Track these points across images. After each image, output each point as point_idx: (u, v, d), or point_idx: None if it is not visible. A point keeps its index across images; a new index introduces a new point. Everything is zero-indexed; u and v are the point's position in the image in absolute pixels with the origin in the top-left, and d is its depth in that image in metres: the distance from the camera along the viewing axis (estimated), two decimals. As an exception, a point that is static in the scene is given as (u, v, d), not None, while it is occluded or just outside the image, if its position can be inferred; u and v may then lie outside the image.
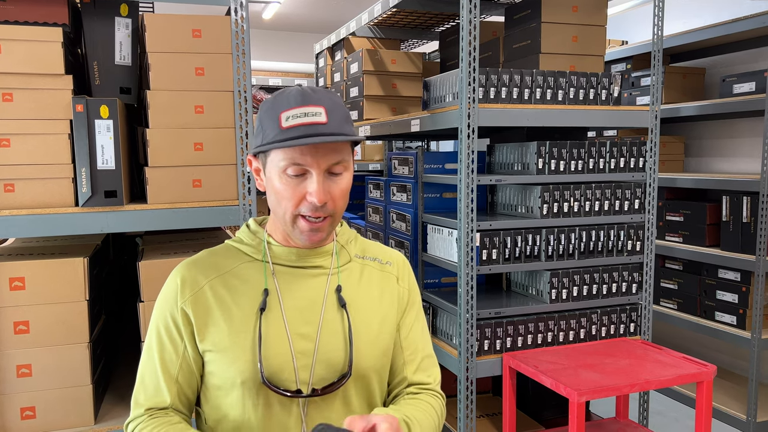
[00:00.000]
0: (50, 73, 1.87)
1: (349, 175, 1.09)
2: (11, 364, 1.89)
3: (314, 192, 1.03)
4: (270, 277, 1.12)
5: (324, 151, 1.03)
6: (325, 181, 1.05)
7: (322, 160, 1.03)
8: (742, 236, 3.27)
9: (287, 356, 1.08)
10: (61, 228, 1.90)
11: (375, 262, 1.22)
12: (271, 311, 1.09)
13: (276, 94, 1.08)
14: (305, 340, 1.09)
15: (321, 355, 1.09)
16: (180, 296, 1.10)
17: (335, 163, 1.05)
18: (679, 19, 4.12)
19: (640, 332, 2.70)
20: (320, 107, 1.04)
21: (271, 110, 1.06)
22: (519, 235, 2.46)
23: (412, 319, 1.23)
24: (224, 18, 2.06)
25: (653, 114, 2.65)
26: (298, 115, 1.03)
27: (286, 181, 1.04)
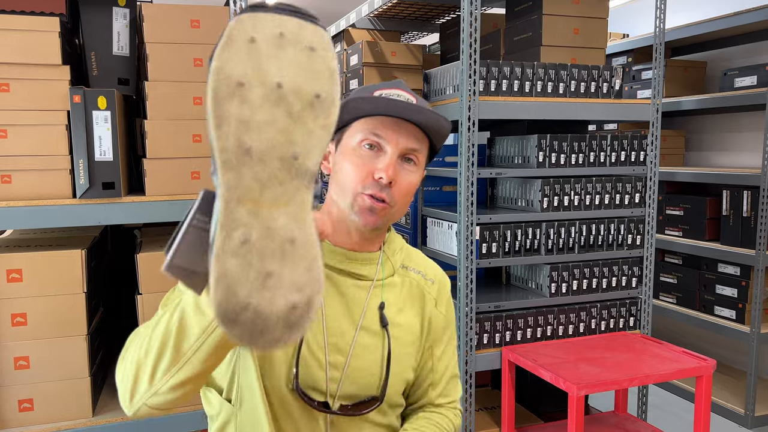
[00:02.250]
0: (47, 63, 1.85)
1: (419, 175, 1.06)
2: (9, 356, 1.88)
3: (384, 167, 0.99)
4: None
5: (406, 131, 1.01)
6: (396, 164, 1.01)
7: (402, 139, 1.01)
8: (742, 230, 3.27)
9: (321, 365, 1.02)
10: (59, 220, 1.89)
11: (419, 276, 1.16)
12: None
13: (364, 85, 1.09)
14: (337, 352, 1.04)
15: (351, 371, 1.04)
16: None
17: (412, 149, 1.02)
18: (681, 12, 4.10)
19: (640, 326, 2.70)
20: (413, 97, 1.03)
21: (364, 90, 1.05)
22: (519, 228, 2.45)
23: (445, 343, 1.19)
24: (223, 8, 2.04)
25: (654, 107, 2.64)
26: (390, 94, 1.02)
27: (359, 154, 1.01)
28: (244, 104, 0.62)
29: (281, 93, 0.63)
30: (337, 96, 0.66)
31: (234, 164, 0.62)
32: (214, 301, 0.61)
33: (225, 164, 0.62)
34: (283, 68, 0.63)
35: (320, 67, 0.65)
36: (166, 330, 0.80)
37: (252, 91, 0.62)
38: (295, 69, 0.64)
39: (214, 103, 0.62)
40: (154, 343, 0.82)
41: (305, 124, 0.64)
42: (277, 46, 0.63)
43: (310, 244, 0.64)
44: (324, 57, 0.65)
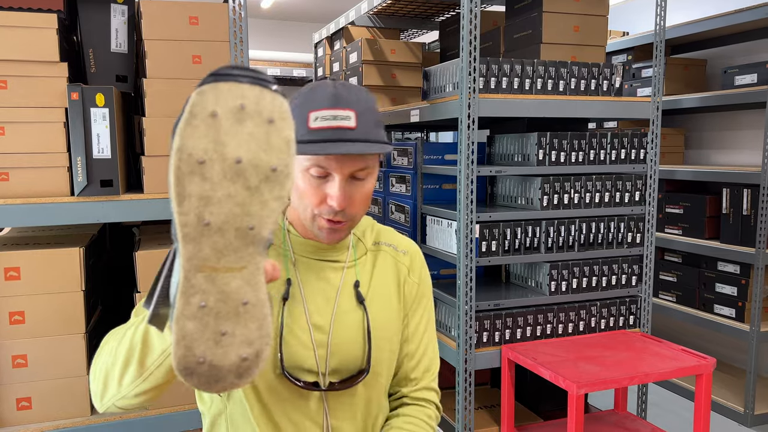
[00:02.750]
0: (45, 60, 1.84)
1: (373, 180, 1.07)
2: (7, 354, 1.88)
3: (335, 197, 1.01)
4: (291, 267, 1.10)
5: (349, 156, 1.01)
6: (347, 186, 1.02)
7: (346, 165, 1.01)
8: (742, 229, 3.26)
9: (307, 347, 1.07)
10: (57, 217, 1.88)
11: (391, 249, 1.21)
12: (291, 301, 1.08)
13: (309, 90, 1.04)
14: (319, 332, 1.08)
15: (335, 348, 1.08)
16: None
17: (359, 169, 1.03)
18: (681, 10, 4.09)
19: (640, 325, 2.69)
20: (351, 111, 1.00)
21: (301, 107, 1.02)
22: (519, 226, 2.45)
23: (420, 313, 1.22)
24: (222, 5, 2.03)
25: (655, 105, 2.63)
26: (327, 117, 0.99)
27: (308, 180, 1.02)
28: (204, 181, 0.66)
29: (240, 168, 0.67)
30: (292, 167, 0.70)
31: (194, 237, 0.68)
32: (174, 357, 0.68)
33: (185, 237, 0.68)
34: (242, 143, 0.67)
35: (277, 141, 0.69)
36: (131, 344, 0.86)
37: (212, 168, 0.66)
38: (253, 143, 0.67)
39: (176, 180, 0.66)
40: (120, 355, 0.87)
41: (261, 196, 0.68)
42: (237, 120, 0.67)
43: (262, 304, 0.70)
44: (281, 129, 0.69)
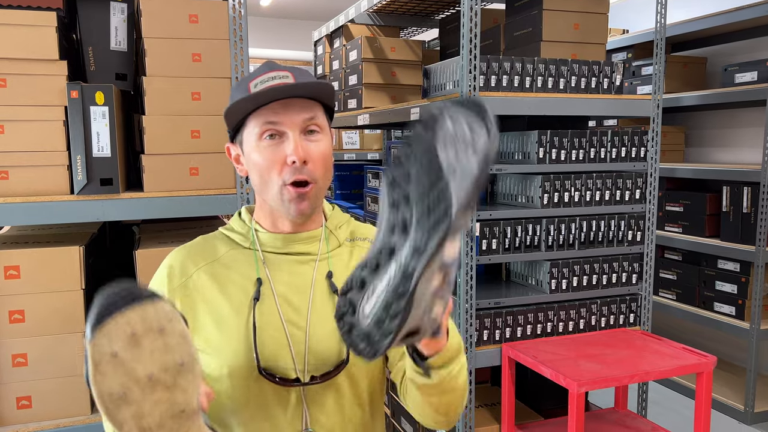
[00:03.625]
0: (44, 58, 1.84)
1: (328, 140, 1.08)
2: (7, 353, 1.87)
3: (291, 151, 1.01)
4: (261, 266, 1.09)
5: (297, 108, 1.02)
6: (302, 142, 1.03)
7: (296, 117, 1.02)
8: (742, 227, 3.26)
9: (283, 345, 1.05)
10: (56, 216, 1.88)
11: (366, 242, 1.19)
12: (264, 300, 1.07)
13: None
14: (295, 327, 1.07)
15: (312, 343, 1.06)
16: (167, 284, 1.09)
17: (309, 118, 1.04)
18: (681, 8, 4.09)
19: (640, 323, 2.69)
20: (287, 72, 1.04)
21: (240, 85, 1.06)
22: (519, 225, 2.45)
23: None
24: (222, 3, 2.03)
25: (655, 103, 2.63)
26: (265, 80, 1.03)
27: (263, 149, 1.03)
28: (131, 405, 0.75)
29: (154, 379, 0.76)
30: (195, 352, 0.79)
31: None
32: None
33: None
34: (147, 362, 0.75)
35: (174, 340, 0.77)
36: None
37: (133, 393, 0.75)
38: (156, 354, 0.76)
39: (109, 416, 0.74)
40: None
41: (180, 386, 0.77)
42: (134, 345, 0.75)
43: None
44: (173, 329, 0.77)
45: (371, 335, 0.78)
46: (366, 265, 0.80)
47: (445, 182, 0.75)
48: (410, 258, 0.76)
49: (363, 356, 0.79)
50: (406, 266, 0.76)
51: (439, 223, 0.74)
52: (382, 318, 0.77)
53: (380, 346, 0.77)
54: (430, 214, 0.75)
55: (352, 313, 0.80)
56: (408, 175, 0.78)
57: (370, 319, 0.78)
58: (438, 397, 1.01)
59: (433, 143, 0.77)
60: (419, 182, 0.77)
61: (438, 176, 0.76)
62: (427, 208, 0.76)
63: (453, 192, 0.75)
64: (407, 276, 0.76)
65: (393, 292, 0.76)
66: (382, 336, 0.77)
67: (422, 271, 0.75)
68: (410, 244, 0.76)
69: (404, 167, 0.79)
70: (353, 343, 0.80)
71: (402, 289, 0.76)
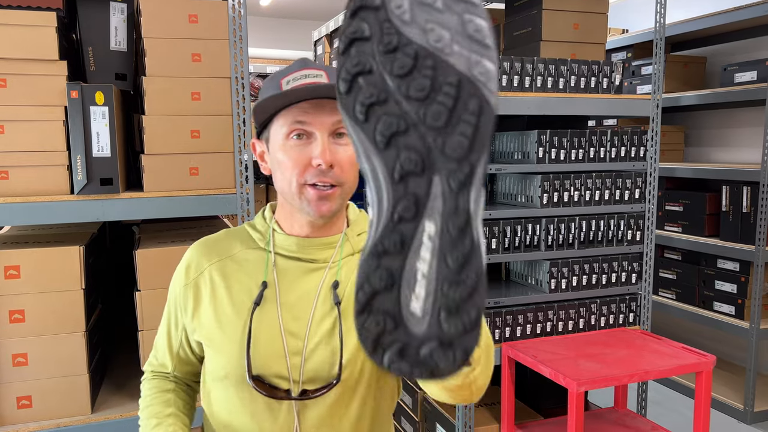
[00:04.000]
0: (44, 58, 1.84)
1: None
2: (7, 353, 1.87)
3: (318, 154, 0.96)
4: (270, 269, 1.05)
5: (328, 109, 0.97)
6: (331, 145, 0.98)
7: (327, 119, 0.97)
8: (742, 226, 3.26)
9: (279, 354, 1.01)
10: (57, 216, 1.88)
11: None
12: (266, 305, 1.03)
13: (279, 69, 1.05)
14: (294, 337, 1.02)
15: (311, 354, 1.02)
16: (184, 278, 1.09)
17: (339, 121, 0.97)
18: (680, 7, 4.09)
19: (640, 322, 2.70)
20: (321, 71, 1.00)
21: (271, 80, 1.03)
22: (519, 224, 2.45)
23: None
24: (221, 3, 2.03)
25: (654, 103, 2.63)
26: (298, 77, 0.99)
27: (290, 148, 0.98)
28: None
29: None
30: None
31: None
32: None
33: None
34: None
35: None
36: None
37: None
38: None
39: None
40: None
41: None
42: None
43: None
44: None
45: (446, 335, 0.56)
46: (382, 251, 0.58)
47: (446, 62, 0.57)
48: (453, 195, 0.56)
49: (441, 374, 0.56)
50: (455, 208, 0.56)
51: (471, 125, 0.56)
52: (454, 299, 0.55)
53: (469, 342, 0.55)
54: (453, 122, 0.57)
55: (393, 327, 0.57)
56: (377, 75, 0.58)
57: (432, 314, 0.56)
58: (460, 391, 0.90)
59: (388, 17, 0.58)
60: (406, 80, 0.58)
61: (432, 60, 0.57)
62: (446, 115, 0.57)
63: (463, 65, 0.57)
64: (463, 218, 0.56)
65: (454, 255, 0.56)
66: (465, 323, 0.55)
67: (477, 208, 0.56)
68: (444, 176, 0.57)
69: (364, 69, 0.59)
70: (418, 364, 0.56)
71: (464, 240, 0.56)
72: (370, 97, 0.58)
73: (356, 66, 0.58)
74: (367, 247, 0.58)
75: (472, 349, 0.55)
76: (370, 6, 0.58)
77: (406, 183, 0.58)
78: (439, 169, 0.57)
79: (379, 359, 0.57)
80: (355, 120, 0.58)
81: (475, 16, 0.57)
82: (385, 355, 0.57)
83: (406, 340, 0.57)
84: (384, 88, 0.58)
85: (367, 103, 0.58)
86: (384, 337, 0.57)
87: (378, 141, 0.58)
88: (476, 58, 0.56)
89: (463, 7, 0.57)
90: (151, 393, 1.15)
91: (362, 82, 0.58)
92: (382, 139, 0.58)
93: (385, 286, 0.57)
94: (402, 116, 0.58)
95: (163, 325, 1.15)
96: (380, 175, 0.58)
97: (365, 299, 0.57)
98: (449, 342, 0.56)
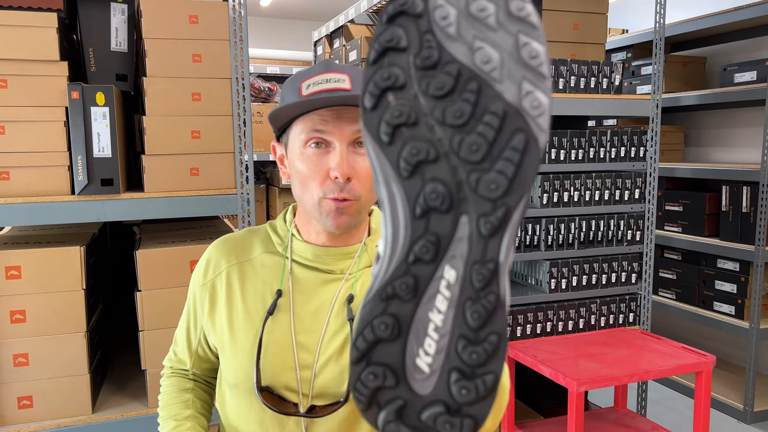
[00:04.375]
0: (45, 59, 1.84)
1: None
2: (8, 353, 1.88)
3: (336, 166, 0.91)
4: (286, 277, 1.02)
5: (348, 118, 0.93)
6: (350, 156, 0.93)
7: (346, 128, 0.93)
8: (742, 226, 3.26)
9: (289, 366, 0.99)
10: (57, 216, 1.88)
11: None
12: (279, 314, 1.00)
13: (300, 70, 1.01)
14: (305, 351, 0.99)
15: (320, 370, 0.99)
16: (202, 277, 1.08)
17: (359, 130, 0.93)
18: (680, 7, 4.09)
19: (639, 322, 2.70)
20: (344, 74, 0.95)
21: (292, 82, 0.99)
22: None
23: None
24: (222, 4, 2.03)
25: (654, 103, 2.63)
26: (319, 81, 0.94)
27: (308, 157, 0.94)
28: None
29: None
30: None
31: None
32: None
33: None
34: None
35: None
36: None
37: None
38: None
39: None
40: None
41: None
42: None
43: None
44: None
45: (455, 400, 0.49)
46: (391, 295, 0.51)
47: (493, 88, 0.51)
48: (482, 241, 0.50)
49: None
50: (482, 256, 0.50)
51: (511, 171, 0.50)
52: (469, 360, 0.49)
53: (480, 411, 0.49)
54: (490, 160, 0.50)
55: (394, 383, 0.51)
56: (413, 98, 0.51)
57: (441, 375, 0.50)
58: None
59: (431, 29, 0.51)
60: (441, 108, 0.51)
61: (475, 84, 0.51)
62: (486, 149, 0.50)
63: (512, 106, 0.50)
64: (490, 269, 0.50)
65: (475, 310, 0.49)
66: (479, 390, 0.49)
67: (507, 259, 0.50)
68: (474, 218, 0.50)
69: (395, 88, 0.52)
70: (417, 429, 0.50)
71: (489, 294, 0.50)
72: (398, 117, 0.51)
73: (387, 80, 0.51)
74: (373, 288, 0.51)
75: (483, 419, 0.49)
76: (411, 12, 0.51)
77: (428, 219, 0.51)
78: (469, 208, 0.50)
79: (372, 418, 0.51)
80: (378, 141, 0.51)
81: (532, 39, 0.50)
82: (381, 414, 0.50)
83: (407, 400, 0.50)
84: (416, 108, 0.51)
85: (395, 123, 0.51)
86: (382, 393, 0.50)
87: (401, 168, 0.51)
88: (528, 87, 0.50)
89: (519, 28, 0.50)
90: (171, 391, 1.15)
91: (391, 99, 0.51)
92: (406, 167, 0.51)
93: (390, 335, 0.50)
94: (433, 143, 0.51)
95: (183, 320, 1.14)
96: (399, 207, 0.51)
97: (365, 347, 0.51)
98: (457, 409, 0.49)
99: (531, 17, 0.50)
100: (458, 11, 0.50)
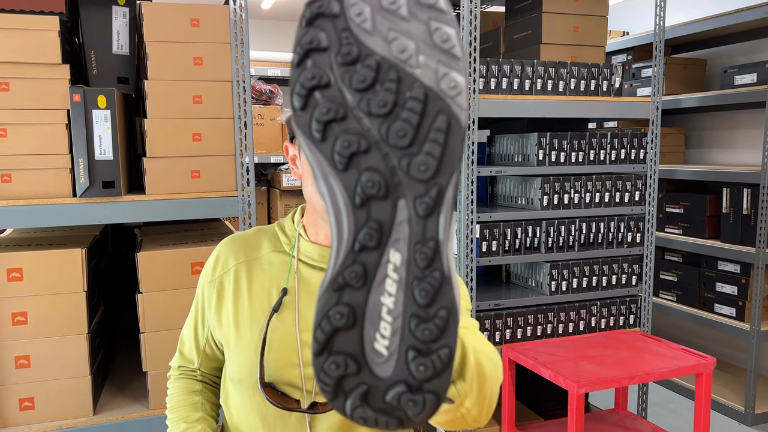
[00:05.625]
0: (47, 62, 1.85)
1: None
2: (9, 355, 1.88)
3: None
4: (292, 275, 1.05)
5: None
6: None
7: None
8: (742, 228, 3.27)
9: (293, 364, 1.01)
10: (59, 219, 1.89)
11: None
12: (284, 312, 1.02)
13: None
14: (309, 348, 1.01)
15: None
16: (211, 274, 1.09)
17: None
18: (680, 9, 4.09)
19: (640, 324, 2.70)
20: None
21: None
22: (519, 226, 2.45)
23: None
24: (223, 7, 2.04)
25: (654, 105, 2.64)
26: None
27: None
28: None
29: None
30: None
31: None
32: None
33: None
34: None
35: None
36: None
37: None
38: None
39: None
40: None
41: None
42: None
43: None
44: None
45: (414, 377, 0.52)
46: (342, 285, 0.53)
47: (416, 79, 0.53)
48: (421, 221, 0.52)
49: (410, 421, 0.52)
50: (422, 236, 0.52)
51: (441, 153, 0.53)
52: (423, 337, 0.51)
53: (440, 385, 0.51)
54: (417, 143, 0.53)
55: (356, 369, 0.53)
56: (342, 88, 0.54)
57: (399, 355, 0.52)
58: (453, 423, 0.85)
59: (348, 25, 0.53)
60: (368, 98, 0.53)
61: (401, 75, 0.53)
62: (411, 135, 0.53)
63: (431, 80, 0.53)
64: (431, 247, 0.52)
65: (422, 288, 0.52)
66: (435, 365, 0.51)
67: (447, 236, 0.52)
68: (410, 200, 0.53)
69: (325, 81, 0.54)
70: (384, 411, 0.52)
71: (434, 272, 0.52)
72: (327, 114, 0.53)
73: (312, 79, 0.53)
74: (325, 281, 0.53)
75: (443, 392, 0.51)
76: (328, 14, 0.53)
77: (368, 208, 0.53)
78: (405, 192, 0.53)
79: (340, 406, 0.52)
80: (311, 138, 0.53)
81: (443, 24, 0.53)
82: (348, 401, 0.52)
83: (371, 384, 0.52)
84: (343, 103, 0.53)
85: (324, 120, 0.53)
86: (346, 380, 0.52)
87: (336, 162, 0.53)
88: (444, 70, 0.52)
89: (429, 15, 0.53)
90: (179, 393, 1.16)
91: (319, 97, 0.53)
92: (341, 160, 0.53)
93: (346, 323, 0.52)
94: (363, 134, 0.53)
95: (190, 319, 1.15)
96: (339, 200, 0.53)
97: (324, 339, 0.52)
98: (418, 386, 0.51)
99: (439, 3, 0.53)
100: (372, 7, 0.53)
